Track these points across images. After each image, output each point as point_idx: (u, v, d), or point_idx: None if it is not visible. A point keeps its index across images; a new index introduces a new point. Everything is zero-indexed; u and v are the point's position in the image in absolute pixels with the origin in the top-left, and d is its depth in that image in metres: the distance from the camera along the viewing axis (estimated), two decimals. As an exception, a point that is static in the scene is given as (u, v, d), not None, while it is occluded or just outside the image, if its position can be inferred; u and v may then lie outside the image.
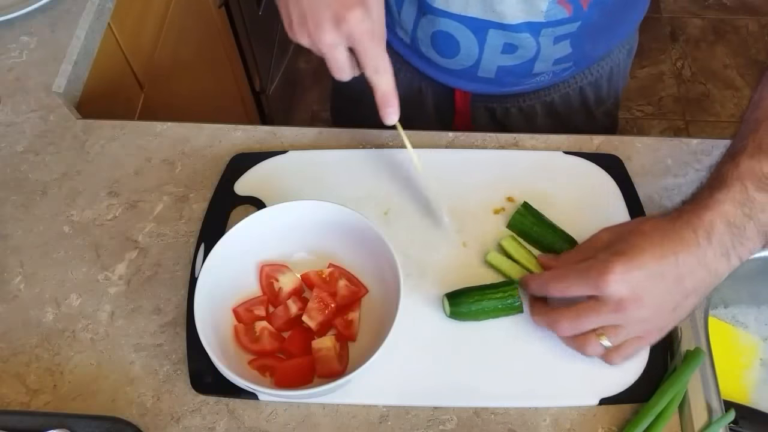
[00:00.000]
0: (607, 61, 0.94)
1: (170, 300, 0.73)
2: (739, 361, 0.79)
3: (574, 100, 0.96)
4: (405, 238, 0.74)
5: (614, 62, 0.95)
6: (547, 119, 0.98)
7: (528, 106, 0.96)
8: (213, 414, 0.67)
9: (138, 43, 1.22)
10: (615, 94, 1.01)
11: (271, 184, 0.79)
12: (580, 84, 0.95)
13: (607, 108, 1.01)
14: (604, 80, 0.96)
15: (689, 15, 2.44)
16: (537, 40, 0.83)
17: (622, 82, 1.01)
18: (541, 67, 0.88)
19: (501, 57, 0.86)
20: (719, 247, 0.59)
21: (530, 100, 0.95)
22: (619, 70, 0.97)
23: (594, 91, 0.96)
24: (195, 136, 0.85)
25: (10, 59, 0.94)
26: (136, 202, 0.80)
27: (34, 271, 0.75)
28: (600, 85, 0.96)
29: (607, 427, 0.65)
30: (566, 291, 0.63)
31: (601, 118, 1.01)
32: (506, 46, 0.84)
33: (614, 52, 0.94)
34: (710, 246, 0.59)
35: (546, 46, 0.84)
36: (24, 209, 0.80)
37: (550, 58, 0.87)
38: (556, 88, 0.94)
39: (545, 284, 0.65)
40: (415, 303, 0.70)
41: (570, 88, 0.95)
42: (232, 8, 1.60)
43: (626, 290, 0.59)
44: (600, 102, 0.98)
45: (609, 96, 0.99)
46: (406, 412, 0.66)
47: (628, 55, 0.98)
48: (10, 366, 0.70)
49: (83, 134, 0.86)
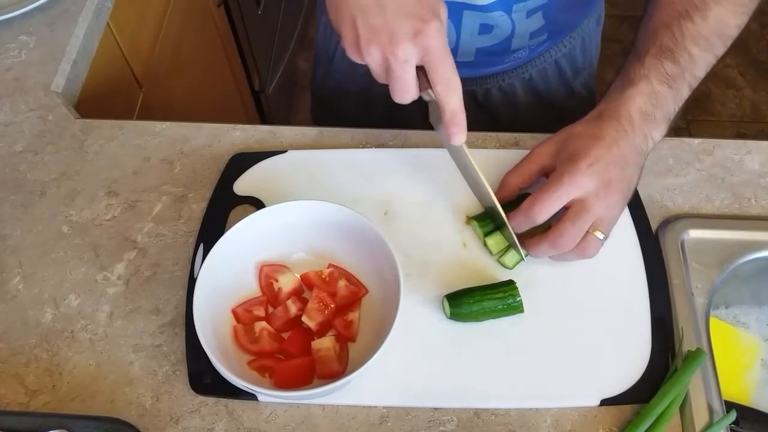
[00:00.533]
0: (578, 32, 0.97)
1: (169, 300, 0.73)
2: (741, 362, 0.79)
3: (551, 73, 0.99)
4: (405, 238, 0.74)
5: (585, 32, 0.98)
6: (528, 97, 1.00)
7: (508, 85, 0.98)
8: (212, 415, 0.66)
9: (137, 43, 1.22)
10: (590, 65, 1.04)
11: (271, 184, 0.79)
12: (555, 57, 0.97)
13: (584, 79, 1.04)
14: (577, 51, 0.99)
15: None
16: (510, 17, 0.85)
17: (594, 51, 1.04)
18: (517, 44, 0.90)
19: (478, 39, 0.88)
20: (640, 132, 0.69)
21: (509, 78, 0.97)
22: (590, 39, 1.01)
23: (569, 63, 0.99)
24: (194, 135, 0.85)
25: (8, 59, 0.93)
26: (134, 202, 0.80)
27: (32, 271, 0.75)
28: (574, 56, 0.99)
29: (607, 428, 0.65)
30: (551, 206, 0.68)
31: (579, 90, 1.03)
32: (482, 27, 0.86)
33: (584, 22, 0.97)
34: (634, 131, 0.69)
35: (520, 21, 0.86)
36: (23, 209, 0.80)
37: (526, 32, 0.89)
38: (533, 64, 0.96)
39: (528, 214, 0.68)
40: (415, 303, 0.70)
41: (546, 63, 0.97)
42: (232, 7, 1.60)
43: (597, 179, 0.67)
44: (576, 72, 1.01)
45: (584, 66, 1.02)
46: (406, 413, 0.66)
47: (597, 24, 1.01)
48: (9, 366, 0.70)
49: (82, 134, 0.85)
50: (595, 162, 0.67)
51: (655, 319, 0.69)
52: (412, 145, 0.82)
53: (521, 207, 0.69)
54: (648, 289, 0.71)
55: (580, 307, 0.70)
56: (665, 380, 0.65)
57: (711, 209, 0.77)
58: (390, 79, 0.64)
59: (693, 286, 0.72)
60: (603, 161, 0.67)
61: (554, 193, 0.67)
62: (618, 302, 0.70)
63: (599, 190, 0.67)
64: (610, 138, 0.68)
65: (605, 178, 0.67)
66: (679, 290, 0.71)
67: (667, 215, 0.77)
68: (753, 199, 0.78)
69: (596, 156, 0.67)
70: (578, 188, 0.67)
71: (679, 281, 0.72)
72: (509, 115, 1.01)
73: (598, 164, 0.67)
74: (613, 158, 0.68)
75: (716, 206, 0.78)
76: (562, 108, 1.02)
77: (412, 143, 0.82)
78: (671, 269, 0.72)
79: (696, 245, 0.74)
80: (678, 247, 0.74)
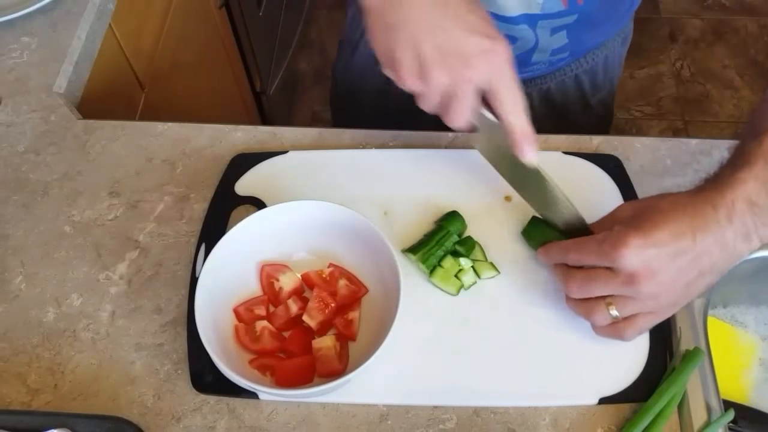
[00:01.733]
0: (602, 50, 0.96)
1: (171, 300, 0.73)
2: (739, 361, 0.79)
3: (570, 87, 0.97)
4: (405, 238, 0.75)
5: (609, 50, 0.97)
6: (544, 107, 0.99)
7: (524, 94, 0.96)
8: (214, 413, 0.67)
9: (139, 44, 1.22)
10: (610, 83, 1.02)
11: (272, 184, 0.79)
12: (576, 72, 0.96)
13: (602, 97, 1.02)
14: (599, 68, 0.97)
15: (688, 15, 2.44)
16: (535, 32, 0.84)
17: (617, 70, 1.02)
18: (538, 57, 0.90)
19: None
20: (740, 227, 0.58)
21: (527, 87, 0.96)
22: (614, 58, 0.99)
23: (590, 79, 0.98)
24: (196, 136, 0.85)
25: (11, 60, 0.94)
26: (136, 202, 0.80)
27: (35, 271, 0.76)
28: (595, 72, 0.97)
29: (606, 427, 0.65)
30: (582, 259, 0.63)
31: (597, 107, 1.02)
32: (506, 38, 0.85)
33: (609, 41, 0.96)
34: (730, 225, 0.57)
35: (543, 37, 0.86)
36: (25, 209, 0.80)
37: (548, 48, 0.88)
38: (553, 76, 0.95)
39: (564, 251, 0.66)
40: (415, 303, 0.70)
41: (566, 76, 0.96)
42: (233, 9, 1.60)
43: (639, 265, 0.58)
44: (596, 90, 1.00)
45: (605, 84, 1.00)
46: (406, 411, 0.66)
47: (622, 44, 0.99)
48: (11, 366, 0.70)
49: (84, 134, 0.86)
50: (650, 247, 0.58)
51: (653, 318, 0.69)
52: (413, 145, 0.83)
53: (565, 242, 0.67)
54: (646, 289, 0.71)
55: (578, 306, 0.70)
56: (663, 379, 0.66)
57: (709, 209, 0.77)
58: (451, 102, 0.61)
59: (691, 285, 0.72)
60: (659, 248, 0.58)
61: (589, 251, 0.62)
62: (617, 302, 0.71)
63: (637, 276, 0.58)
64: (687, 226, 0.57)
65: (652, 266, 0.58)
66: (677, 290, 0.71)
67: (665, 215, 0.77)
68: (751, 199, 0.78)
69: (654, 240, 0.57)
70: (612, 264, 0.59)
71: (677, 281, 0.72)
72: None
73: (650, 250, 0.58)
74: (676, 250, 0.58)
75: (714, 206, 0.78)
76: (577, 123, 1.00)
77: (413, 144, 0.83)
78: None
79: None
80: (676, 247, 0.74)
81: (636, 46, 1.01)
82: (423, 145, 0.82)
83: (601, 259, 0.61)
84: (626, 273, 0.59)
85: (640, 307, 0.62)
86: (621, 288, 0.60)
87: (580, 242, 0.64)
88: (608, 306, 0.62)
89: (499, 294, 0.71)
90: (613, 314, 0.62)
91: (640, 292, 0.60)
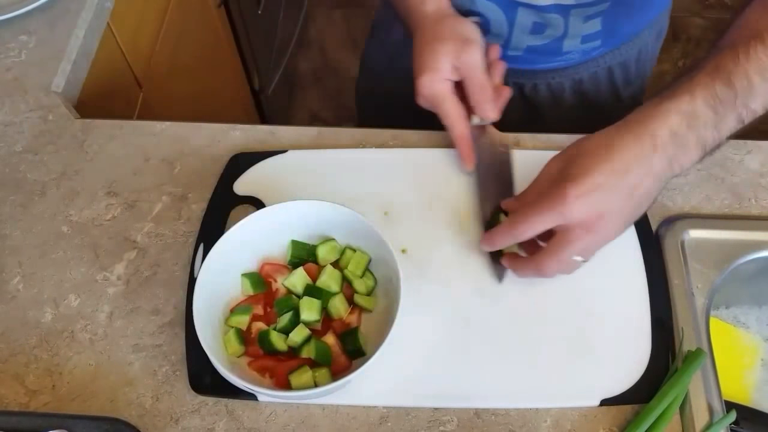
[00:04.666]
0: (636, 42, 0.94)
1: (169, 300, 0.73)
2: (741, 362, 0.79)
3: (603, 79, 0.96)
4: (405, 238, 0.74)
5: (643, 43, 0.95)
6: (575, 98, 0.97)
7: (556, 83, 0.96)
8: (212, 415, 0.66)
9: (137, 43, 1.22)
10: (642, 77, 1.01)
11: (271, 183, 0.79)
12: (609, 64, 0.94)
13: (634, 91, 1.00)
14: (632, 61, 0.96)
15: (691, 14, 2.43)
16: (566, 20, 0.83)
17: (650, 65, 1.01)
18: (569, 45, 0.89)
19: (529, 37, 0.87)
20: (663, 155, 0.61)
21: (559, 77, 0.95)
22: (647, 51, 0.97)
23: (622, 72, 0.96)
24: (194, 135, 0.85)
25: (8, 58, 0.93)
26: (134, 202, 0.80)
27: (32, 271, 0.75)
28: (628, 65, 0.96)
29: (607, 428, 0.65)
30: (532, 229, 0.64)
31: (627, 100, 1.00)
32: (535, 26, 0.84)
33: (643, 33, 0.94)
34: (655, 154, 0.61)
35: (575, 25, 0.85)
36: (22, 209, 0.80)
37: (578, 35, 0.87)
38: (585, 66, 0.94)
39: (510, 231, 0.66)
40: (415, 303, 0.70)
41: (599, 67, 0.94)
42: (232, 8, 1.60)
43: (587, 211, 0.61)
44: (628, 83, 0.98)
45: (637, 78, 0.99)
46: (406, 413, 0.66)
47: (657, 38, 0.98)
48: (8, 366, 0.70)
49: (82, 134, 0.85)
50: (591, 191, 0.61)
51: (655, 319, 0.69)
52: (412, 145, 0.82)
53: (506, 222, 0.67)
54: (648, 290, 0.70)
55: (580, 307, 0.70)
56: (665, 380, 0.65)
57: (711, 209, 0.77)
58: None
59: (693, 286, 0.72)
60: (601, 190, 0.61)
61: (536, 217, 0.63)
62: (618, 302, 0.70)
63: (588, 222, 0.61)
64: (621, 161, 0.61)
65: (599, 209, 0.61)
66: (679, 290, 0.71)
67: (667, 215, 0.77)
68: (753, 199, 0.78)
69: (594, 184, 0.61)
70: (562, 218, 0.62)
71: (679, 281, 0.72)
72: (554, 113, 0.98)
73: (593, 194, 0.61)
74: (616, 187, 0.61)
75: (716, 206, 0.77)
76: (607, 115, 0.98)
77: (412, 143, 0.82)
78: (671, 269, 0.72)
79: (696, 245, 0.74)
80: (678, 247, 0.74)
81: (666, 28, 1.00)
82: (423, 144, 0.82)
83: (551, 218, 0.62)
84: (579, 223, 0.62)
85: (598, 245, 0.64)
86: (583, 239, 0.63)
87: (522, 215, 0.64)
88: (575, 257, 0.64)
89: (500, 295, 0.71)
90: (578, 260, 0.65)
91: (598, 233, 0.63)
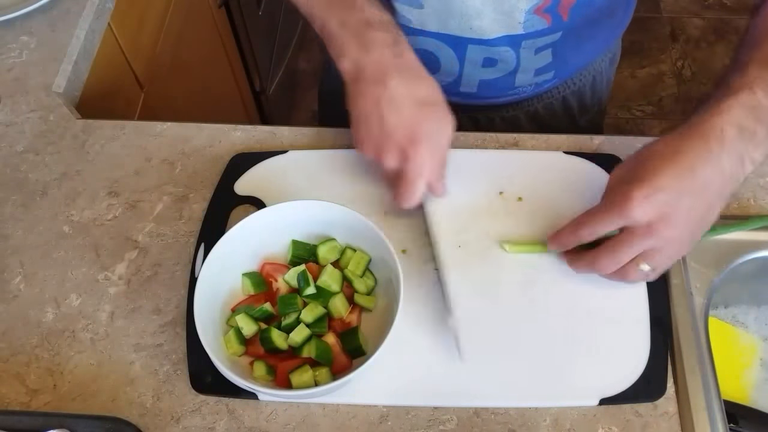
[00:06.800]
0: (589, 70, 0.94)
1: (170, 300, 0.73)
2: (739, 361, 0.79)
3: (558, 109, 0.96)
4: (405, 237, 0.74)
5: (597, 71, 0.95)
6: (531, 126, 0.97)
7: (512, 116, 0.96)
8: (213, 414, 0.67)
9: (138, 43, 1.22)
10: (599, 102, 1.01)
11: (271, 184, 0.79)
12: (563, 93, 0.95)
13: (592, 116, 1.01)
14: (587, 89, 0.96)
15: (689, 15, 2.44)
16: (517, 53, 0.83)
17: (606, 89, 1.01)
18: (522, 80, 0.88)
19: (482, 71, 0.86)
20: (733, 152, 0.59)
21: (513, 110, 0.95)
22: (602, 78, 0.97)
23: (577, 100, 0.96)
24: (195, 136, 0.85)
25: (9, 59, 0.94)
26: (136, 202, 0.80)
27: (34, 271, 0.75)
28: (583, 93, 0.96)
29: (607, 428, 0.65)
30: (596, 230, 0.64)
31: (586, 127, 1.00)
32: (486, 60, 0.84)
33: (596, 61, 0.94)
34: (723, 151, 0.59)
35: (526, 58, 0.84)
36: (24, 209, 0.80)
37: (531, 68, 0.86)
38: (539, 99, 0.94)
39: (573, 232, 0.66)
40: (416, 303, 0.70)
41: (553, 98, 0.95)
42: (233, 8, 1.60)
43: (652, 213, 0.60)
44: (584, 110, 0.99)
45: (593, 104, 0.99)
46: (406, 412, 0.66)
47: (610, 64, 0.98)
48: (10, 366, 0.70)
49: (83, 134, 0.86)
50: (655, 193, 0.59)
51: (653, 318, 0.69)
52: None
53: (570, 224, 0.67)
54: (647, 289, 0.71)
55: (579, 306, 0.70)
56: None
57: (710, 209, 0.77)
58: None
59: (692, 285, 0.72)
60: (666, 192, 0.59)
61: (600, 219, 0.63)
62: (617, 302, 0.70)
63: (652, 224, 0.60)
64: (687, 162, 0.59)
65: (663, 210, 0.60)
66: (678, 290, 0.71)
67: (666, 215, 0.77)
68: (752, 199, 0.78)
69: (658, 186, 0.59)
70: (625, 219, 0.61)
71: (678, 281, 0.72)
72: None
73: (658, 195, 0.59)
74: (682, 188, 0.59)
75: (715, 206, 0.78)
76: None
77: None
78: (670, 269, 0.72)
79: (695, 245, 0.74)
80: (677, 247, 0.74)
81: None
82: (423, 144, 0.82)
83: (614, 220, 0.62)
84: (642, 226, 0.60)
85: (666, 252, 0.63)
86: (645, 242, 0.62)
87: (587, 215, 0.65)
88: (640, 264, 0.63)
89: (500, 295, 0.71)
90: (645, 269, 0.64)
91: (662, 238, 0.61)
